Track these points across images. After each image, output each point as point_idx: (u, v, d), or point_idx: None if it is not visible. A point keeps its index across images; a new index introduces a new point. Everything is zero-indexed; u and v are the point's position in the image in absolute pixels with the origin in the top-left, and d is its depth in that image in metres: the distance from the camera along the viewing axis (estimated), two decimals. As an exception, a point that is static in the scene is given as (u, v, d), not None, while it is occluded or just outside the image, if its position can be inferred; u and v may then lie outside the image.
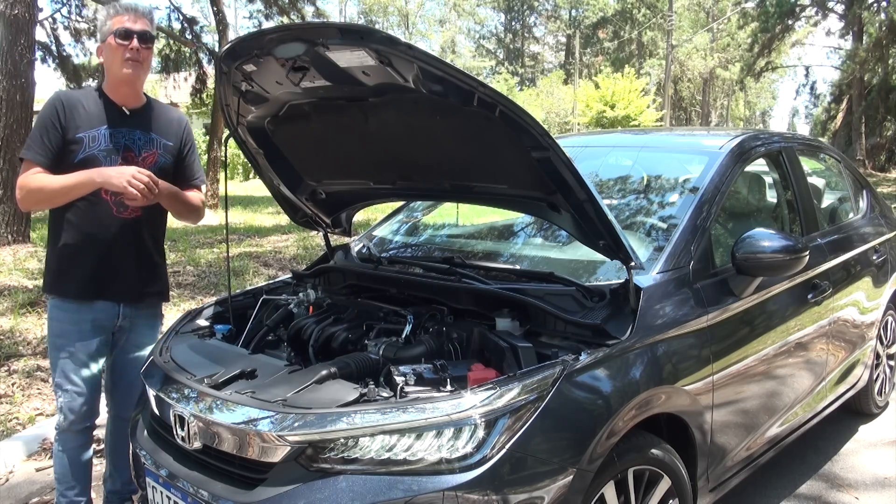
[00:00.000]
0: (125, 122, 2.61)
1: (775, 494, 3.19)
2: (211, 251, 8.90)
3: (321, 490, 1.77)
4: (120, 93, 2.61)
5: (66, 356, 2.59)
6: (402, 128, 2.37)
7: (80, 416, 2.63)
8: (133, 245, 2.64)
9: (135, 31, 2.53)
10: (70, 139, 2.52)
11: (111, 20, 2.55)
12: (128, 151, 2.59)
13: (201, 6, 42.07)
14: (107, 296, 2.61)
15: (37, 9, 8.93)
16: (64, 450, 2.66)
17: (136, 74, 2.57)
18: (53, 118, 2.52)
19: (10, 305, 5.93)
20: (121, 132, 2.59)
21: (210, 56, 16.53)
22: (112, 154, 2.56)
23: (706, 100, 50.39)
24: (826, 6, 26.41)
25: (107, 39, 2.55)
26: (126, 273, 2.63)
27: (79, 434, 2.66)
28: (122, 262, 2.62)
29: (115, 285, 2.62)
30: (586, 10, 56.10)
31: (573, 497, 1.89)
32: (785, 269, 2.57)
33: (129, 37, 2.52)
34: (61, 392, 2.61)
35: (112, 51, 2.54)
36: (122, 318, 2.67)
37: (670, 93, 36.18)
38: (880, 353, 4.02)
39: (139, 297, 2.69)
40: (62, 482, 2.67)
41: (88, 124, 2.55)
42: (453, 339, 2.29)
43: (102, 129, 2.56)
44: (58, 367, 2.61)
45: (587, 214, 2.15)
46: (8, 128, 8.22)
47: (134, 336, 2.73)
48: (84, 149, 2.52)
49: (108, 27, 2.55)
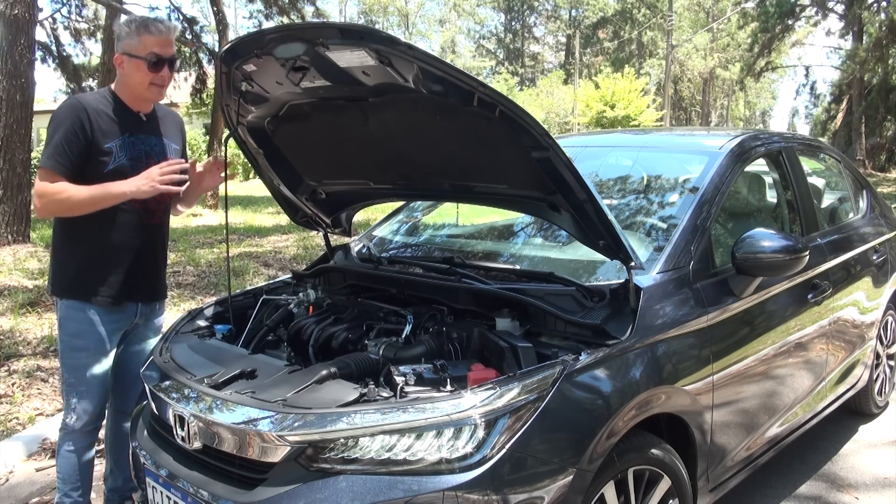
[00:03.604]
0: (142, 128, 2.61)
1: (775, 494, 3.19)
2: (211, 251, 8.90)
3: (321, 490, 1.77)
4: (137, 102, 2.60)
5: (83, 358, 2.58)
6: (402, 128, 2.37)
7: (93, 417, 2.64)
8: (156, 249, 2.73)
9: (166, 59, 2.49)
10: (99, 149, 2.47)
11: (140, 38, 2.45)
12: (149, 158, 2.59)
13: (201, 6, 42.17)
14: (133, 299, 2.67)
15: (37, 9, 8.93)
16: (72, 450, 2.65)
17: (160, 97, 2.61)
18: (78, 127, 2.43)
19: (10, 305, 5.93)
20: (140, 139, 2.60)
21: (210, 56, 16.52)
22: (138, 163, 2.54)
23: (706, 100, 50.38)
24: (826, 6, 26.42)
25: (133, 56, 2.47)
26: (150, 276, 2.72)
27: (87, 434, 2.67)
28: (148, 265, 2.69)
29: (142, 288, 2.69)
30: (586, 10, 56.11)
31: (573, 497, 1.89)
32: (785, 269, 2.57)
33: (161, 66, 2.49)
34: (75, 393, 2.60)
35: (139, 71, 2.49)
36: (139, 316, 2.73)
37: (670, 93, 36.19)
38: (880, 353, 4.02)
39: (155, 296, 2.78)
40: (67, 482, 2.65)
41: (114, 133, 2.51)
42: (453, 339, 2.29)
43: (126, 137, 2.55)
44: (72, 368, 2.60)
45: (587, 214, 2.15)
46: (8, 128, 8.22)
47: (142, 330, 2.79)
48: (115, 158, 2.50)
49: (137, 44, 2.46)
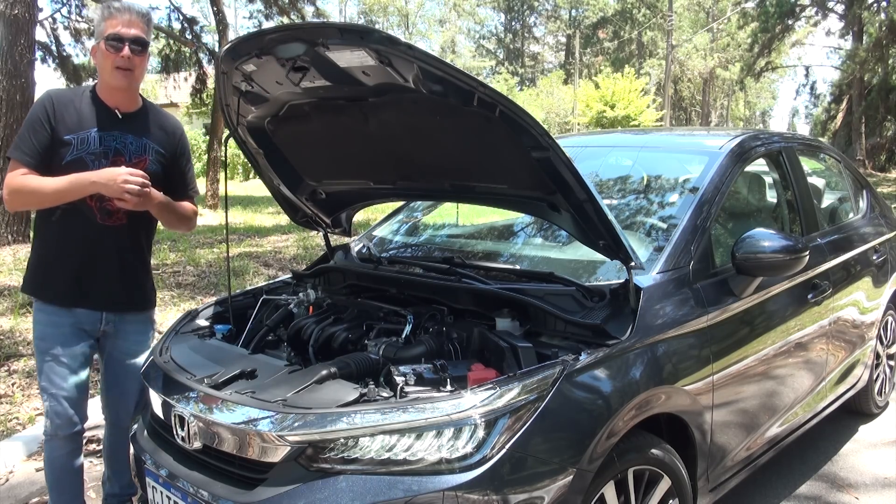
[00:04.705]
0: (117, 125, 2.51)
1: (775, 494, 3.19)
2: (211, 251, 8.90)
3: (321, 490, 1.77)
4: (113, 96, 2.52)
5: (48, 360, 2.51)
6: (402, 128, 2.37)
7: (66, 422, 2.52)
8: (117, 253, 2.55)
9: (127, 37, 2.40)
10: (59, 140, 2.42)
11: (104, 22, 2.42)
12: (118, 156, 2.49)
13: (201, 6, 42.17)
14: (86, 303, 2.53)
15: (37, 9, 8.94)
16: (54, 457, 2.57)
17: (126, 82, 2.47)
18: (42, 117, 2.42)
19: (10, 305, 5.94)
20: (112, 135, 2.49)
21: (210, 56, 16.54)
22: (101, 158, 2.46)
23: (706, 100, 50.36)
24: (826, 6, 26.41)
25: (99, 42, 2.43)
26: (108, 281, 2.55)
27: (67, 440, 2.56)
28: (104, 270, 2.53)
29: (95, 293, 2.53)
30: (586, 10, 56.11)
31: (573, 497, 1.89)
32: (785, 269, 2.57)
33: (121, 44, 2.40)
34: (47, 396, 2.52)
35: (103, 56, 2.43)
36: (105, 324, 2.58)
37: (670, 93, 36.19)
38: (880, 353, 4.02)
39: (122, 305, 2.60)
40: (54, 489, 2.59)
41: (79, 126, 2.45)
42: (453, 339, 2.29)
43: (93, 132, 2.46)
44: (42, 370, 2.53)
45: (587, 214, 2.15)
46: (8, 128, 8.23)
47: (122, 343, 2.65)
48: (72, 151, 2.42)
49: (101, 29, 2.42)
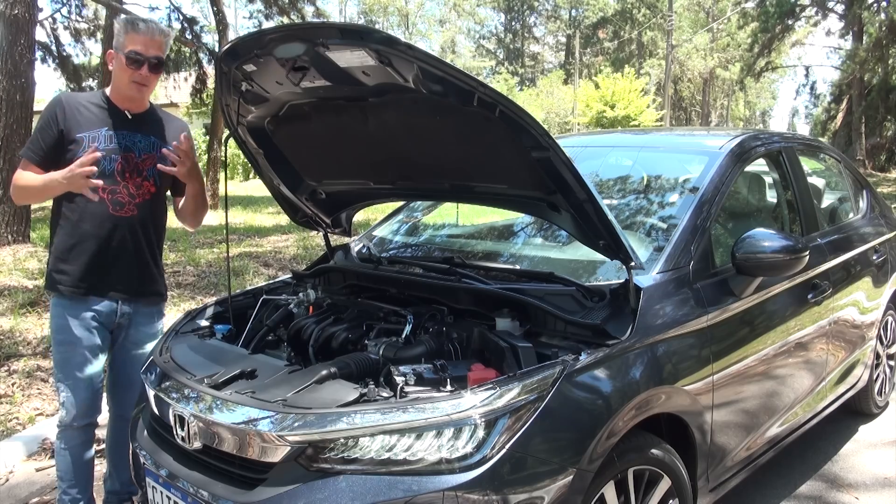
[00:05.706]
0: (126, 124, 2.66)
1: (775, 494, 3.19)
2: (211, 251, 8.90)
3: (321, 490, 1.77)
4: (125, 101, 2.67)
5: (66, 351, 2.62)
6: (402, 128, 2.37)
7: (82, 412, 2.64)
8: (130, 243, 2.65)
9: (146, 58, 2.56)
10: (70, 139, 2.57)
11: (125, 36, 2.55)
12: (127, 152, 2.64)
13: (201, 6, 42.10)
14: (102, 293, 2.63)
15: (37, 9, 8.93)
16: (67, 447, 2.67)
17: (140, 95, 2.65)
18: (52, 119, 2.57)
19: (10, 305, 5.93)
20: (122, 134, 2.64)
21: (210, 56, 16.52)
22: (111, 154, 2.60)
23: (706, 100, 50.37)
24: (826, 6, 26.38)
25: (118, 52, 2.57)
26: (122, 271, 2.65)
27: (80, 431, 2.67)
28: (117, 259, 2.64)
29: (110, 283, 2.64)
30: (586, 10, 56.10)
31: (573, 497, 1.89)
32: (785, 269, 2.57)
33: (140, 63, 2.55)
34: (63, 387, 2.63)
35: (121, 68, 2.58)
36: (120, 315, 2.69)
37: (670, 93, 36.19)
38: (880, 353, 4.02)
39: (136, 294, 2.71)
40: (65, 480, 2.68)
41: (89, 125, 2.60)
42: (453, 339, 2.29)
43: (103, 131, 2.61)
44: (59, 362, 2.64)
45: (587, 214, 2.15)
46: (8, 128, 8.21)
47: (133, 333, 2.75)
48: (83, 148, 2.55)
49: (122, 42, 2.56)
